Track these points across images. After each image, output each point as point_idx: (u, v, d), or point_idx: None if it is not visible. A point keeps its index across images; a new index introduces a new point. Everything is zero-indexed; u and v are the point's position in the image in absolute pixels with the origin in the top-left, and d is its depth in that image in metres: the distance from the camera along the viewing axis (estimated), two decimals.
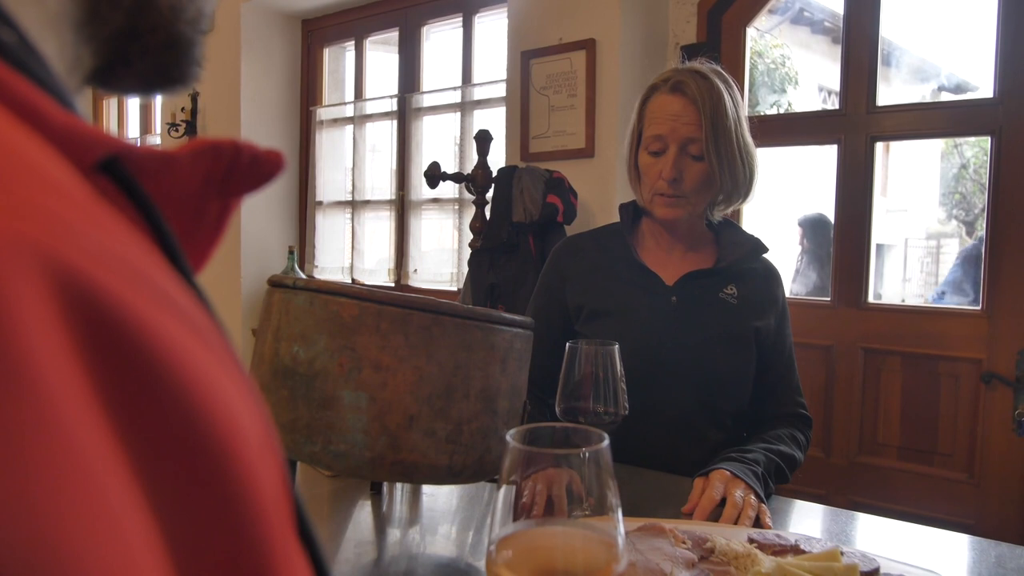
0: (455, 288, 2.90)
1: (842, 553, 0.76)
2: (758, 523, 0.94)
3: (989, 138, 1.94)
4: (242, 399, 0.20)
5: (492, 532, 0.49)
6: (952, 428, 1.96)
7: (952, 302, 2.81)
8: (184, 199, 0.27)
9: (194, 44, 0.35)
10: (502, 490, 0.49)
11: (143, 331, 0.17)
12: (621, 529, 0.48)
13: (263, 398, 0.77)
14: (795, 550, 0.77)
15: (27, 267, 0.15)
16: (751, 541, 0.80)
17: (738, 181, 1.20)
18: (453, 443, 0.75)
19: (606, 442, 0.48)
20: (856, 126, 2.09)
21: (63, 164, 0.20)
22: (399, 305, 0.74)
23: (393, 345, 0.73)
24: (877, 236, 2.18)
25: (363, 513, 1.04)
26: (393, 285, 3.19)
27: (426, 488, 1.12)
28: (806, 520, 1.05)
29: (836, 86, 2.16)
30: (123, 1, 0.30)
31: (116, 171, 0.23)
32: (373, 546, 0.94)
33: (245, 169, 0.28)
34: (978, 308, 1.95)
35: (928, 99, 2.00)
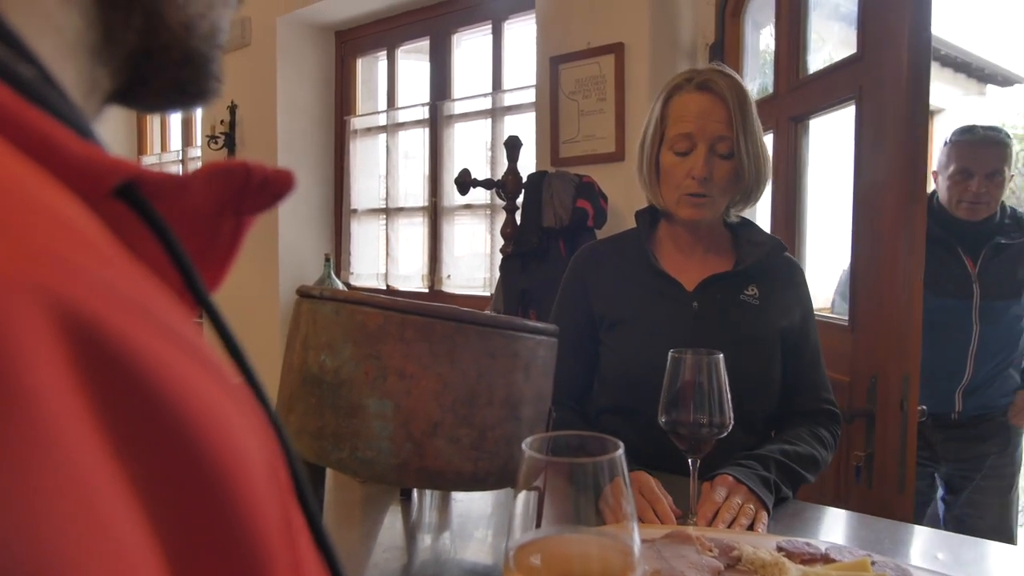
0: (488, 293, 2.91)
1: (873, 563, 0.75)
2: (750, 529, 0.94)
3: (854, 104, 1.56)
4: (245, 423, 0.21)
5: (510, 539, 0.49)
6: (832, 470, 1.52)
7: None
8: (199, 219, 0.28)
9: (211, 59, 0.35)
10: (519, 497, 0.50)
11: (141, 360, 0.18)
12: (637, 537, 0.48)
13: (292, 406, 0.79)
14: (825, 559, 0.76)
15: (30, 304, 0.16)
16: (780, 549, 0.79)
17: (760, 180, 1.20)
18: (477, 450, 0.76)
19: (621, 450, 0.49)
20: (780, 108, 1.87)
21: (70, 198, 0.21)
22: (422, 314, 0.75)
23: (417, 353, 0.74)
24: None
25: (393, 518, 1.06)
26: (427, 291, 3.21)
27: (456, 494, 1.13)
28: (839, 528, 1.03)
29: None
30: (135, 22, 0.31)
31: (133, 196, 0.24)
32: (402, 551, 0.96)
33: (256, 189, 0.29)
34: (845, 320, 1.59)
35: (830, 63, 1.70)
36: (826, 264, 2.28)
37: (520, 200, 2.30)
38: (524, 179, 2.29)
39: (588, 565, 0.49)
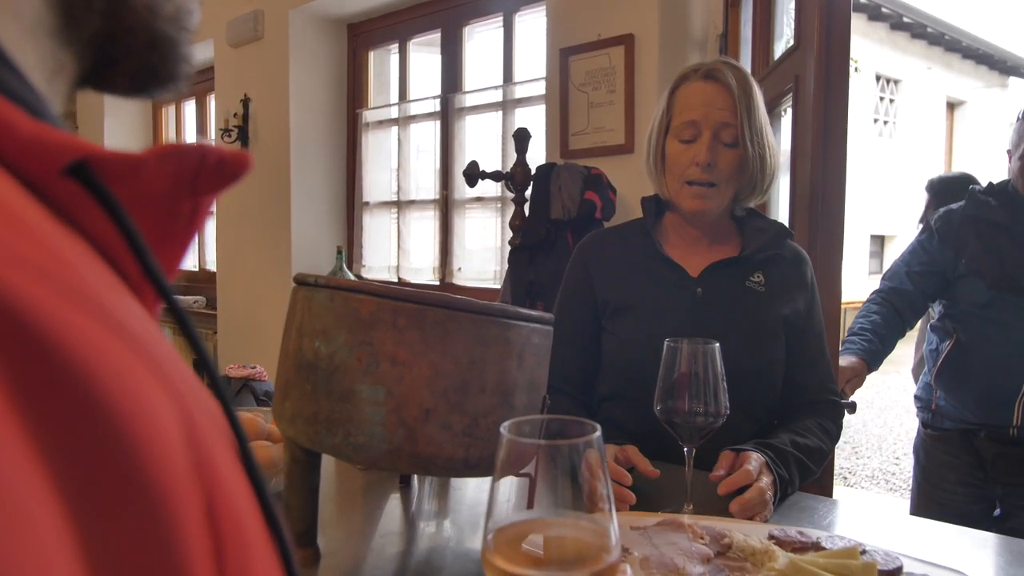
0: (499, 286, 2.92)
1: (864, 551, 0.74)
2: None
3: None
4: (161, 394, 0.21)
5: (489, 522, 0.50)
6: None
7: None
8: (154, 199, 0.29)
9: (178, 42, 0.35)
10: (499, 481, 0.50)
11: (43, 322, 0.18)
12: (615, 521, 0.49)
13: (288, 393, 0.80)
14: (816, 547, 0.76)
15: None
16: (771, 537, 0.79)
17: (765, 171, 1.20)
18: (469, 436, 0.76)
19: (598, 433, 0.49)
20: None
21: None
22: (414, 301, 0.75)
23: (409, 340, 0.75)
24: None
25: (393, 505, 1.07)
26: (438, 284, 3.23)
27: (454, 482, 1.13)
28: (835, 518, 1.02)
29: (895, 74, 2.05)
30: (96, 4, 0.31)
31: (85, 175, 0.25)
32: (401, 536, 0.97)
33: (212, 169, 0.30)
34: None
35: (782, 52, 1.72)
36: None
37: (529, 192, 2.30)
38: (533, 171, 2.29)
39: (565, 548, 0.49)
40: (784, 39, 1.92)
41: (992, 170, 2.29)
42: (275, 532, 0.29)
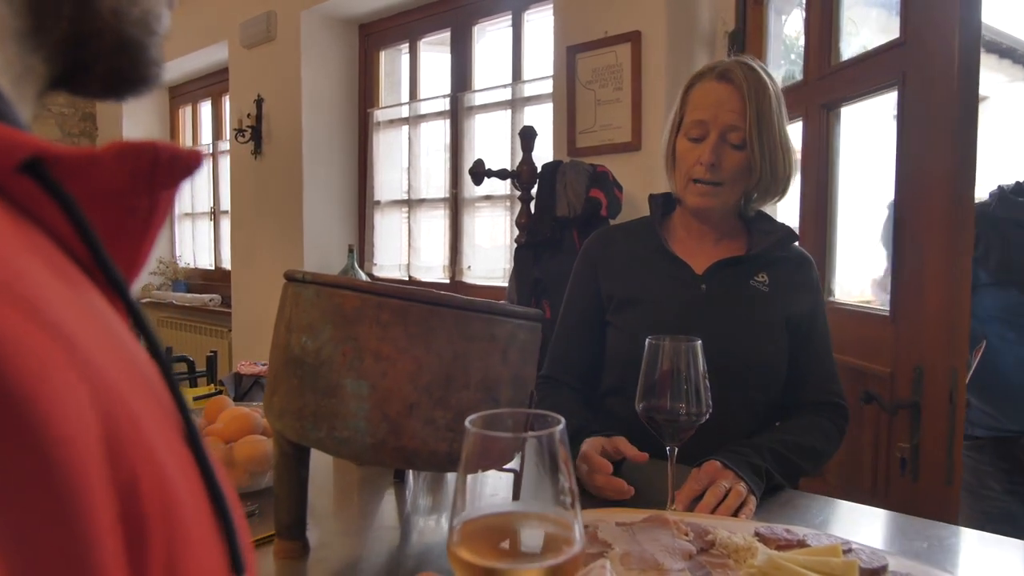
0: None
1: (850, 549, 0.74)
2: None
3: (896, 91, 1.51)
4: (79, 382, 0.21)
5: (454, 516, 0.50)
6: (871, 462, 1.55)
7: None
8: (111, 195, 0.29)
9: (147, 46, 0.36)
10: (465, 476, 0.50)
11: None
12: (579, 514, 0.49)
13: (276, 387, 0.81)
14: (801, 545, 0.76)
15: None
16: (757, 535, 0.79)
17: (778, 175, 1.20)
18: (453, 431, 0.77)
19: (561, 426, 0.49)
20: (810, 95, 1.82)
21: None
22: (398, 297, 0.76)
23: (392, 336, 0.75)
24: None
25: (388, 500, 1.08)
26: (448, 282, 3.24)
27: (449, 477, 1.14)
28: (829, 516, 1.02)
29: None
30: (64, 10, 0.32)
31: (39, 172, 0.25)
32: (396, 531, 0.97)
33: (167, 166, 0.30)
34: (886, 310, 1.55)
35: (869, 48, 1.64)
36: (858, 255, 2.16)
37: (535, 190, 2.30)
38: (539, 169, 2.29)
39: (529, 540, 0.50)
40: (856, 37, 1.87)
41: (1018, 168, 2.23)
42: (221, 513, 0.29)
